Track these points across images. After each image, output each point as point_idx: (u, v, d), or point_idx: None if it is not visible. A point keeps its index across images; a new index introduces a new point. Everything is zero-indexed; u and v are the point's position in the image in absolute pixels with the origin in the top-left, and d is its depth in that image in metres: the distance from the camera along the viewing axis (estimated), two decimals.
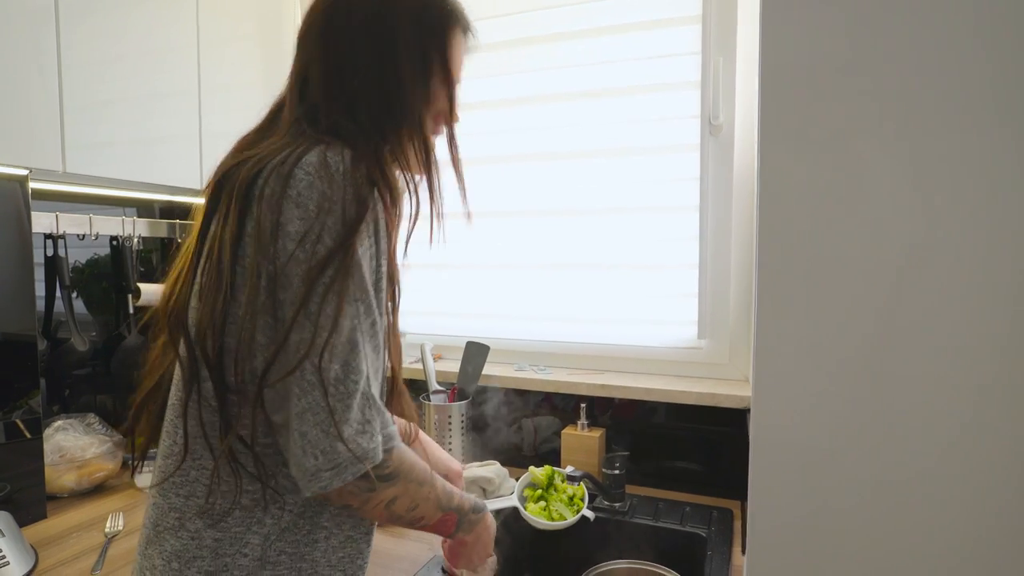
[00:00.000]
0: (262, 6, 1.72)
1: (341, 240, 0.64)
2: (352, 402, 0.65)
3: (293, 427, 0.64)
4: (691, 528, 1.31)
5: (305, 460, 0.63)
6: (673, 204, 1.52)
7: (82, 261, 1.61)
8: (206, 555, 0.68)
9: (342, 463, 0.64)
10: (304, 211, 0.64)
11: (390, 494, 0.70)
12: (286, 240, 0.64)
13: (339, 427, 0.63)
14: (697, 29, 1.42)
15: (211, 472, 0.68)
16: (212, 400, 0.68)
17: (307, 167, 0.65)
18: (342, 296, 0.64)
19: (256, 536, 0.69)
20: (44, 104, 1.20)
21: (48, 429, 1.40)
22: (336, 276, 0.64)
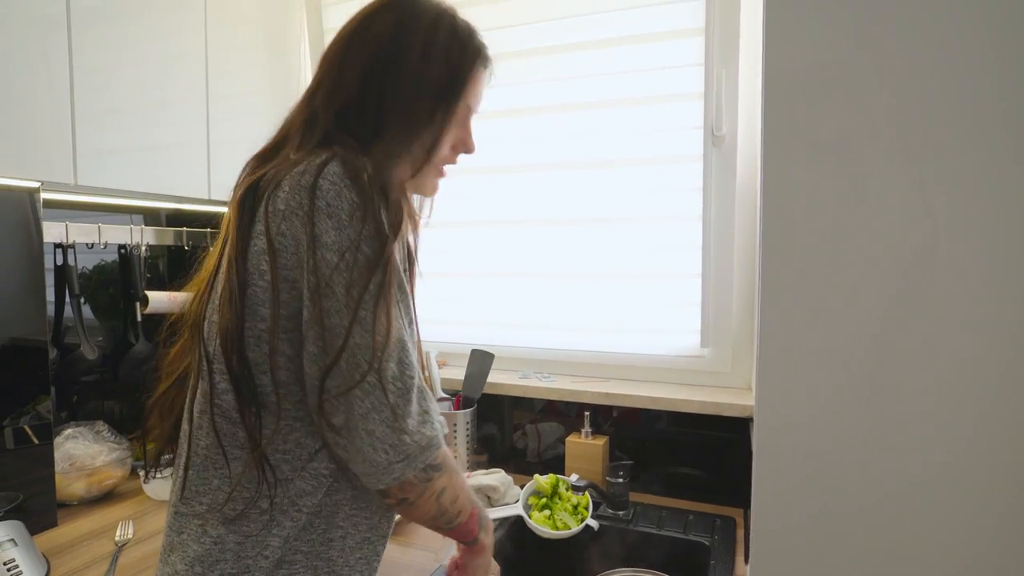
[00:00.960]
0: (268, 15, 1.74)
1: (379, 247, 0.68)
2: (411, 396, 0.69)
3: (359, 427, 0.67)
4: (694, 536, 1.32)
5: (376, 456, 0.67)
6: (676, 214, 1.53)
7: (89, 267, 1.63)
8: (228, 559, 0.71)
9: (411, 453, 0.69)
10: (337, 221, 0.66)
11: (440, 484, 0.74)
12: (324, 251, 0.66)
13: (403, 421, 0.68)
14: (700, 42, 1.43)
15: (232, 480, 0.71)
16: (233, 412, 0.70)
17: (331, 176, 0.67)
18: (389, 300, 0.68)
19: (276, 539, 0.72)
20: (55, 117, 1.22)
21: (58, 437, 1.41)
22: (382, 282, 0.67)
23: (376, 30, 0.79)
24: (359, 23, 0.81)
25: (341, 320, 0.66)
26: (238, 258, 0.70)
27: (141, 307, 1.64)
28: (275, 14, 1.76)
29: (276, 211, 0.68)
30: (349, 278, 0.66)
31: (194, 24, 1.51)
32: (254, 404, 0.70)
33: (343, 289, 0.66)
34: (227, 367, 0.69)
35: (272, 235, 0.68)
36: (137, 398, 1.64)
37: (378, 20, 0.79)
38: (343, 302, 0.66)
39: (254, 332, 0.70)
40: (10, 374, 1.31)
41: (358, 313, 0.66)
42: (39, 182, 1.29)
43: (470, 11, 0.87)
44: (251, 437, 0.70)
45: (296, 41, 1.84)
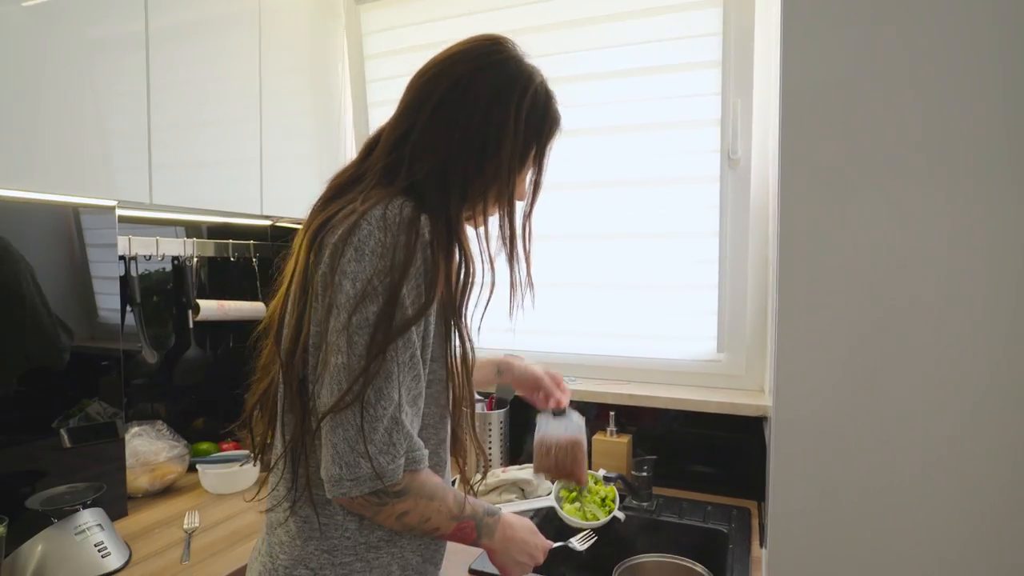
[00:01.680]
0: (314, 40, 1.86)
1: (389, 281, 0.73)
2: (379, 425, 0.72)
3: (327, 438, 0.73)
4: (713, 525, 1.44)
5: (332, 468, 0.73)
6: (695, 230, 1.64)
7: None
8: (316, 536, 0.80)
9: (361, 477, 0.72)
10: (360, 254, 0.73)
11: (400, 508, 0.77)
12: (342, 278, 0.74)
13: (364, 445, 0.72)
14: (717, 73, 1.56)
15: (311, 469, 0.80)
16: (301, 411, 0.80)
17: (370, 219, 0.74)
18: (384, 331, 0.72)
19: (352, 522, 0.81)
20: (132, 137, 1.32)
21: (127, 434, 1.52)
22: (381, 312, 0.72)
23: (474, 100, 0.81)
24: (454, 83, 0.82)
25: (338, 339, 0.73)
26: (298, 285, 0.79)
27: (193, 314, 1.75)
28: (320, 40, 1.88)
29: (326, 244, 0.77)
30: (354, 305, 0.72)
31: (249, 47, 1.62)
32: None
33: (346, 313, 0.73)
34: (288, 379, 0.79)
35: (324, 268, 0.77)
36: (191, 399, 1.77)
37: (476, 86, 0.82)
38: (343, 324, 0.73)
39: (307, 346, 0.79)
40: (90, 373, 1.42)
41: (351, 336, 0.72)
42: (116, 200, 1.40)
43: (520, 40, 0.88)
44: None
45: (336, 67, 1.96)
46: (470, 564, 1.25)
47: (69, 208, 1.37)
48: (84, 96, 1.24)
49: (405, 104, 0.85)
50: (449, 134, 0.81)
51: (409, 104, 0.85)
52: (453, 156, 0.81)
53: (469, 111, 0.81)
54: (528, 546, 0.94)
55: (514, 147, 0.83)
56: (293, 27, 1.77)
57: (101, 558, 1.17)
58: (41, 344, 1.32)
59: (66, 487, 1.27)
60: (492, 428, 1.68)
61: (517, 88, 0.84)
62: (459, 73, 0.82)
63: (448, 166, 0.81)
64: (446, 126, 0.81)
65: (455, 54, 0.85)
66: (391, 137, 0.84)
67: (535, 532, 0.97)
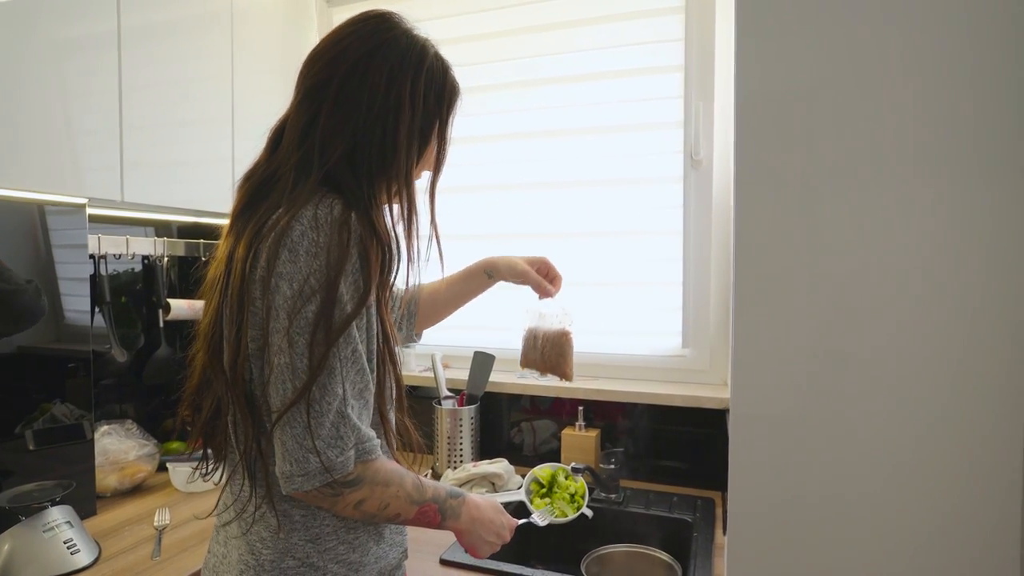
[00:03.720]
0: (286, 42, 1.87)
1: (325, 279, 0.74)
2: (325, 420, 0.74)
3: (277, 436, 0.75)
4: (678, 515, 1.48)
5: (283, 465, 0.74)
6: (659, 229, 1.70)
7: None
8: (299, 527, 0.81)
9: (311, 471, 0.74)
10: (294, 255, 0.74)
11: (356, 497, 0.78)
12: (278, 280, 0.74)
13: (312, 440, 0.73)
14: (680, 77, 1.61)
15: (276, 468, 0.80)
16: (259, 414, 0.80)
17: (302, 220, 0.75)
18: (325, 329, 0.73)
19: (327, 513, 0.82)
20: (104, 135, 1.32)
21: (96, 433, 1.51)
22: (319, 311, 0.73)
23: (372, 80, 0.82)
24: (350, 70, 0.82)
25: (279, 340, 0.74)
26: (233, 288, 0.79)
27: (163, 313, 1.75)
28: (292, 41, 1.89)
29: (259, 249, 0.77)
30: (292, 305, 0.73)
31: (222, 47, 1.62)
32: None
33: (285, 314, 0.74)
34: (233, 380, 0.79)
35: (260, 272, 0.77)
36: (162, 398, 1.76)
37: (371, 70, 0.82)
38: (283, 325, 0.74)
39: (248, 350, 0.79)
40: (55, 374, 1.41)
41: (292, 337, 0.73)
42: (86, 198, 1.40)
43: (482, 44, 0.92)
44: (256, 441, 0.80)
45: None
46: (440, 555, 1.27)
47: (34, 206, 1.36)
48: (55, 95, 1.24)
49: (304, 92, 0.85)
50: (353, 118, 0.82)
51: (308, 92, 0.84)
52: (359, 139, 0.82)
53: (369, 95, 0.82)
54: (495, 525, 0.96)
55: (413, 123, 0.85)
56: (265, 28, 1.79)
57: (70, 555, 1.17)
58: None
59: (34, 485, 1.27)
60: (463, 424, 1.70)
61: (411, 66, 0.84)
62: (354, 58, 0.83)
63: (356, 150, 0.82)
64: (349, 110, 0.82)
65: (346, 37, 0.85)
66: (296, 128, 0.84)
67: (501, 511, 0.99)
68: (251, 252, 0.78)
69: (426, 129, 0.88)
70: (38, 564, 1.13)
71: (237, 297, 0.78)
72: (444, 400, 1.74)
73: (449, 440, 1.70)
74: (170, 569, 1.18)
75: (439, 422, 1.71)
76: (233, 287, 0.79)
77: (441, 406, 1.73)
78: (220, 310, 0.82)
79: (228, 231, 0.85)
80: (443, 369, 1.80)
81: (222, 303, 0.81)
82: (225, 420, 0.84)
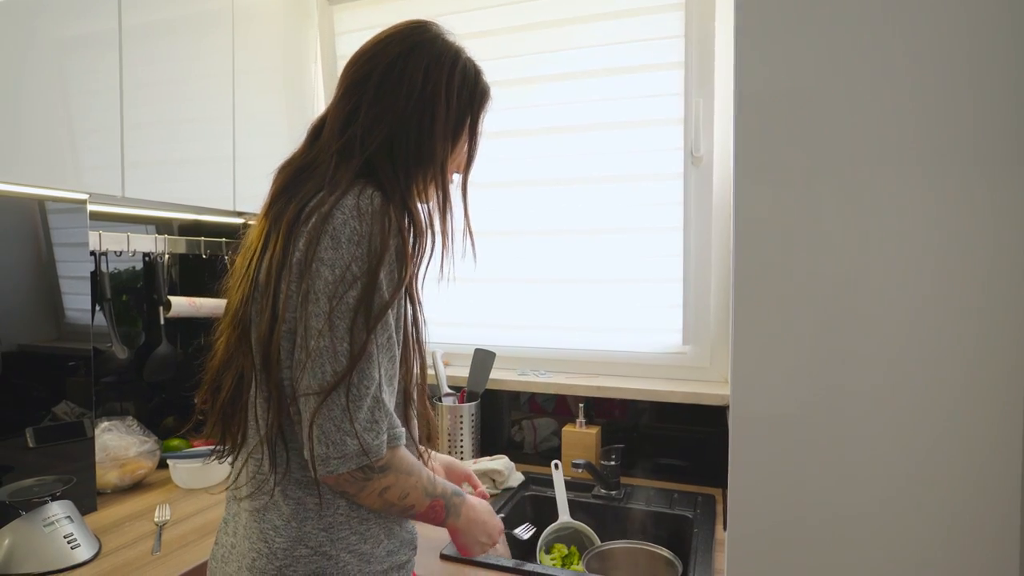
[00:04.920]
0: (287, 41, 1.88)
1: (367, 267, 0.76)
2: (363, 404, 0.76)
3: (312, 419, 0.76)
4: (679, 511, 1.48)
5: (319, 448, 0.76)
6: (660, 225, 1.70)
7: None
8: (313, 516, 0.82)
9: (349, 454, 0.76)
10: (336, 242, 0.76)
11: (383, 483, 0.80)
12: (320, 265, 0.76)
13: (350, 424, 0.75)
14: (680, 74, 1.61)
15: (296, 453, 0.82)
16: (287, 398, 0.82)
17: (344, 208, 0.78)
18: (365, 315, 0.76)
19: (342, 499, 0.83)
20: (105, 131, 1.33)
21: (96, 429, 1.51)
22: (360, 296, 0.76)
23: (410, 74, 0.87)
24: (389, 65, 0.87)
25: (317, 324, 0.76)
26: (266, 274, 0.81)
27: (164, 311, 1.75)
28: (293, 40, 1.90)
29: (299, 234, 0.80)
30: (333, 290, 0.75)
31: (222, 47, 1.63)
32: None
33: (325, 299, 0.76)
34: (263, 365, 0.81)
35: (290, 255, 0.79)
36: (164, 395, 1.76)
37: (409, 67, 0.87)
38: (323, 309, 0.75)
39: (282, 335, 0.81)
40: (56, 372, 1.42)
41: (332, 321, 0.75)
42: (87, 194, 1.40)
43: (482, 41, 0.97)
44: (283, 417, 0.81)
45: (309, 66, 1.98)
46: (441, 550, 1.27)
47: (35, 204, 1.36)
48: (57, 93, 1.25)
49: (345, 87, 0.90)
50: (391, 109, 0.86)
51: (349, 87, 0.89)
52: (397, 130, 0.86)
53: (407, 87, 0.87)
54: (488, 527, 0.97)
55: (448, 116, 0.89)
56: (266, 27, 1.79)
57: (71, 549, 1.17)
58: None
59: (34, 480, 1.27)
60: (464, 421, 1.70)
61: (446, 63, 0.90)
62: (392, 54, 0.88)
63: (394, 140, 0.86)
64: (388, 102, 0.86)
65: (386, 38, 0.91)
66: (338, 119, 0.88)
67: (492, 513, 1.00)
68: (290, 235, 0.80)
69: (459, 124, 0.92)
70: (38, 558, 1.13)
71: (276, 277, 0.80)
72: (445, 397, 1.75)
73: (450, 437, 1.71)
74: (170, 564, 1.18)
75: (440, 419, 1.71)
76: (270, 269, 0.81)
77: (442, 403, 1.73)
78: (252, 291, 0.84)
79: (264, 215, 0.87)
80: (444, 366, 1.80)
81: (255, 283, 0.84)
82: (245, 401, 0.86)
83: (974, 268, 0.73)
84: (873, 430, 0.77)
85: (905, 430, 0.76)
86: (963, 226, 0.73)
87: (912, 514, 0.77)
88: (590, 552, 1.36)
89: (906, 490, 0.76)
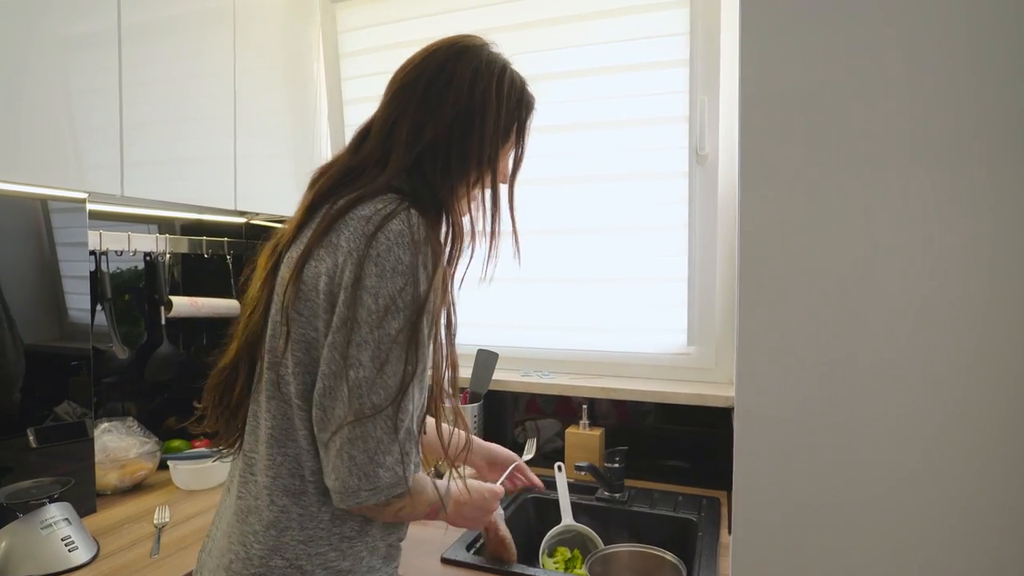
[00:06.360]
0: (288, 39, 1.87)
1: (411, 299, 0.76)
2: (397, 436, 0.76)
3: (343, 450, 0.75)
4: (683, 514, 1.46)
5: (350, 479, 0.75)
6: (664, 224, 1.68)
7: None
8: (293, 527, 0.81)
9: (380, 486, 0.76)
10: (381, 270, 0.75)
11: (400, 505, 0.81)
12: (363, 293, 0.75)
13: (383, 456, 0.75)
14: (685, 71, 1.59)
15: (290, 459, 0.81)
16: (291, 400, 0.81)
17: (389, 233, 0.77)
18: (405, 349, 0.76)
19: (326, 514, 0.82)
20: (104, 130, 1.32)
21: (95, 431, 1.50)
22: (402, 331, 0.75)
23: (457, 81, 0.87)
24: (438, 70, 0.88)
25: (359, 353, 0.75)
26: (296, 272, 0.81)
27: (165, 311, 1.75)
28: (295, 38, 1.89)
29: (337, 246, 0.79)
30: (377, 321, 0.75)
31: (223, 46, 1.62)
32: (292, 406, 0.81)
33: (367, 328, 0.75)
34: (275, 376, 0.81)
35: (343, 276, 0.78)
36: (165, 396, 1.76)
37: (458, 71, 0.87)
38: (366, 339, 0.75)
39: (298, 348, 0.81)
40: (58, 372, 1.41)
41: (374, 351, 0.75)
42: (86, 192, 1.39)
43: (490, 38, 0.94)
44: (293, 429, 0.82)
45: (311, 64, 1.97)
46: (442, 553, 1.25)
47: (38, 203, 1.36)
48: (58, 91, 1.24)
49: (392, 93, 0.90)
50: (439, 112, 0.86)
51: (396, 92, 0.90)
52: (444, 132, 0.86)
53: (455, 91, 0.87)
54: (474, 507, 0.99)
55: (497, 120, 0.89)
56: (268, 25, 1.78)
57: (68, 552, 1.16)
58: None
59: (32, 482, 1.26)
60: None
61: (495, 69, 0.90)
62: (440, 60, 0.89)
63: (442, 141, 0.86)
64: (436, 103, 0.86)
65: (433, 47, 0.91)
66: (384, 126, 0.88)
67: (478, 488, 1.00)
68: (321, 243, 0.80)
69: (508, 128, 0.92)
70: (35, 561, 1.13)
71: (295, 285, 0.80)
72: None
73: None
74: (168, 567, 1.17)
75: None
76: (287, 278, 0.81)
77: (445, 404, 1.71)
78: (270, 295, 0.85)
79: (300, 221, 0.87)
80: None
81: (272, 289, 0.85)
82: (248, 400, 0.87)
83: (983, 269, 0.71)
84: (883, 431, 0.75)
85: (914, 432, 0.74)
86: (972, 226, 0.71)
87: (922, 518, 0.75)
88: (593, 556, 1.34)
89: (916, 493, 0.74)
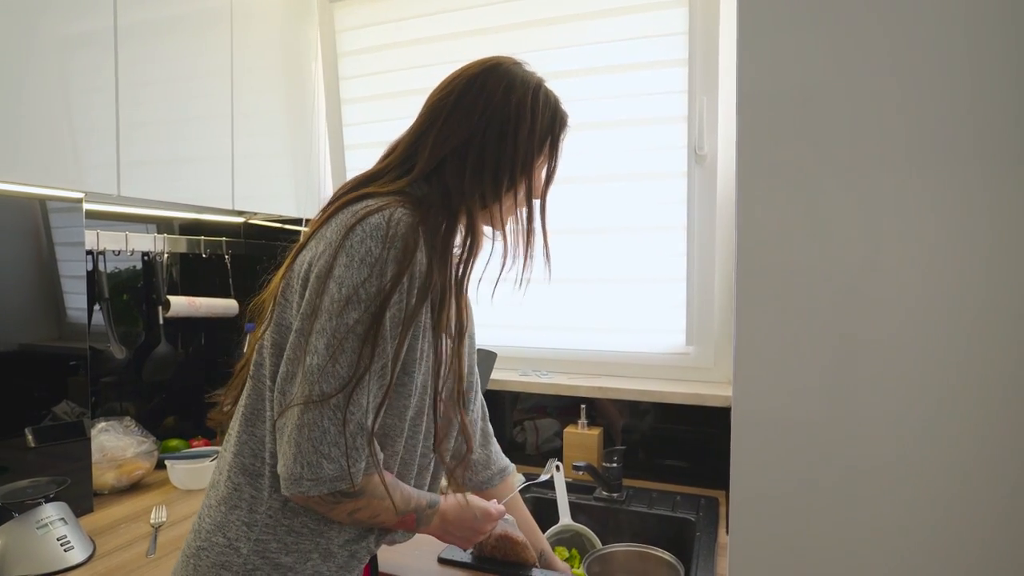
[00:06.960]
0: (286, 39, 1.86)
1: (374, 291, 0.75)
2: (346, 429, 0.74)
3: (292, 436, 0.74)
4: (681, 514, 1.45)
5: (294, 467, 0.74)
6: (663, 224, 1.67)
7: None
8: (242, 506, 0.81)
9: (323, 478, 0.74)
10: (350, 260, 0.76)
11: (353, 507, 0.79)
12: (331, 281, 0.76)
13: (329, 447, 0.73)
14: (684, 71, 1.59)
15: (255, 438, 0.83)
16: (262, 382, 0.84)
17: (366, 226, 0.77)
18: (362, 340, 0.75)
19: (276, 502, 0.81)
20: (100, 130, 1.32)
21: (92, 430, 1.50)
22: (360, 322, 0.74)
23: (489, 92, 0.88)
24: (470, 81, 0.89)
25: (316, 340, 0.75)
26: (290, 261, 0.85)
27: (163, 311, 1.74)
28: (292, 37, 1.88)
29: (323, 236, 0.81)
30: (338, 309, 0.75)
31: (221, 45, 1.62)
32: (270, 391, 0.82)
33: (327, 316, 0.75)
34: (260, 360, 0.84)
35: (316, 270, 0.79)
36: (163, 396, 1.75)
37: (490, 82, 0.88)
38: (324, 327, 0.75)
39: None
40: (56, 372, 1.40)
41: (330, 340, 0.74)
42: (83, 192, 1.39)
43: (484, 39, 0.98)
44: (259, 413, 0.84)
45: (309, 64, 1.97)
46: (439, 554, 1.25)
47: (36, 203, 1.36)
48: (56, 91, 1.24)
49: (424, 110, 0.92)
50: (468, 120, 0.87)
51: (430, 106, 0.91)
52: (473, 138, 0.86)
53: (487, 99, 0.88)
54: (464, 528, 0.96)
55: (532, 132, 0.89)
56: (266, 24, 1.78)
57: (64, 552, 1.16)
58: None
59: (28, 481, 1.26)
60: None
61: (530, 84, 0.91)
62: (473, 73, 0.90)
63: (468, 148, 0.86)
64: (465, 115, 0.87)
65: (467, 67, 0.92)
66: (412, 136, 0.90)
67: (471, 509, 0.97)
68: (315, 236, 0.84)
69: (543, 140, 0.92)
70: (30, 561, 1.12)
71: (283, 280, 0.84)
72: None
73: None
74: (164, 567, 1.17)
75: None
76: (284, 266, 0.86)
77: None
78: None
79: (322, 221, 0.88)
80: None
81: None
82: None
83: (982, 268, 0.71)
84: (881, 431, 0.74)
85: (915, 432, 0.73)
86: (971, 226, 0.71)
87: (924, 519, 0.74)
88: (591, 555, 1.34)
89: (916, 494, 0.74)
